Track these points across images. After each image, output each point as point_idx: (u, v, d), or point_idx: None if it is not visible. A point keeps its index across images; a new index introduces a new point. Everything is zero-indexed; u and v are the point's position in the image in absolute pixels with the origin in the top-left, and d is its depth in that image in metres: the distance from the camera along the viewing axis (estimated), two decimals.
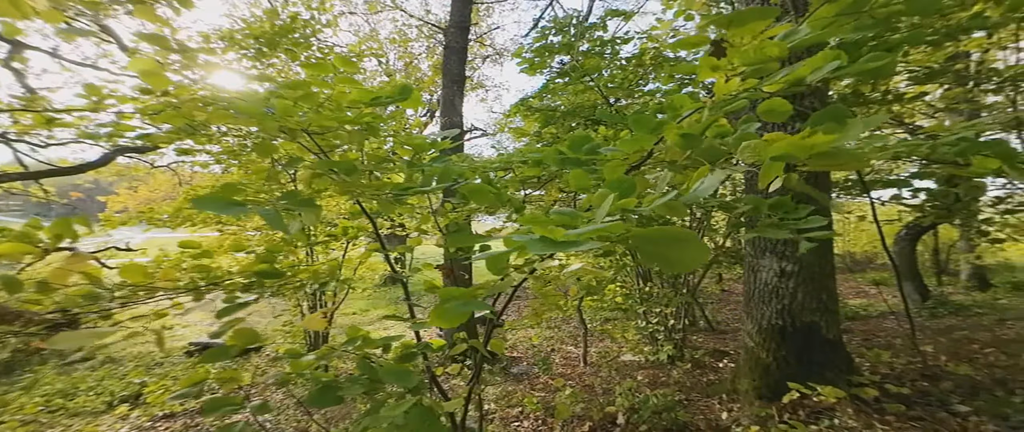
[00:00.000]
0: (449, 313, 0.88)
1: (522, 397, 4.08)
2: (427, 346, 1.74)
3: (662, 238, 0.47)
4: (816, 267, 2.58)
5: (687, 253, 0.45)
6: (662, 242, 0.47)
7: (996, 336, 4.30)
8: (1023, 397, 2.28)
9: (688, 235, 0.46)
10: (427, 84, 11.91)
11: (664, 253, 0.47)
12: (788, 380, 2.44)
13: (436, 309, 0.87)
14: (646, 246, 0.48)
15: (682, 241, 0.46)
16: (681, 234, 0.46)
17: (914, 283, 7.21)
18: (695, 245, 0.45)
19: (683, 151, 0.98)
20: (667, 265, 0.47)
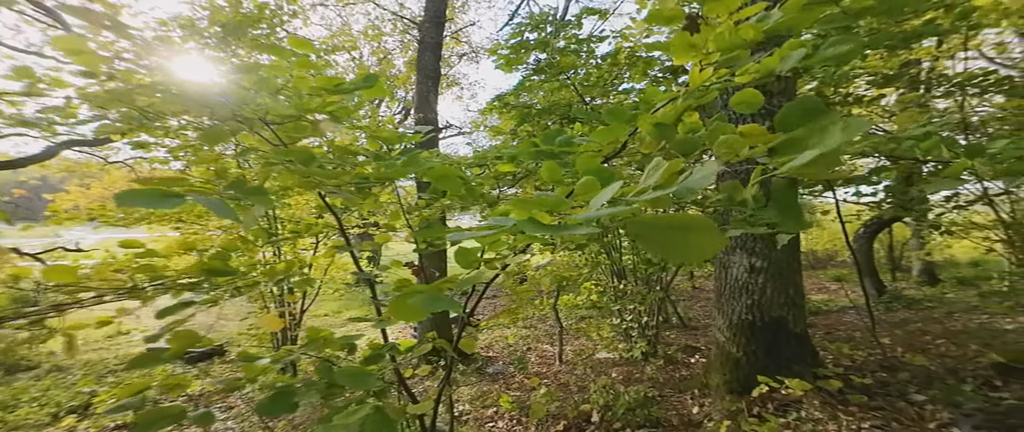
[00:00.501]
0: (409, 308, 0.82)
1: (497, 397, 4.04)
2: (394, 347, 1.67)
3: (671, 225, 0.42)
4: (784, 263, 2.64)
5: (699, 241, 0.40)
6: (670, 230, 0.42)
7: (946, 328, 4.54)
8: (973, 385, 2.40)
9: (701, 221, 0.41)
10: (401, 81, 11.68)
11: (673, 241, 0.42)
12: (757, 374, 2.48)
13: (394, 302, 0.81)
14: (652, 234, 0.43)
15: (694, 228, 0.40)
16: (693, 221, 0.41)
17: (871, 279, 7.57)
18: (709, 232, 0.40)
19: (656, 142, 0.95)
20: (675, 254, 0.42)
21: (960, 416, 1.96)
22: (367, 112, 9.20)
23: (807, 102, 0.75)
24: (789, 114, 0.75)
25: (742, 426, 2.17)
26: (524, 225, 0.62)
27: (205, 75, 1.90)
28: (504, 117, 5.59)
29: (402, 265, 1.92)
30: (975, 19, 3.92)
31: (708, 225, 0.39)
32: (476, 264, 0.98)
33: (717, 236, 0.39)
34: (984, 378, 2.47)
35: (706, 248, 0.40)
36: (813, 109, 0.71)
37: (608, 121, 1.21)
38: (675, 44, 0.83)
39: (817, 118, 0.69)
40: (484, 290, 1.33)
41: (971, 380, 2.47)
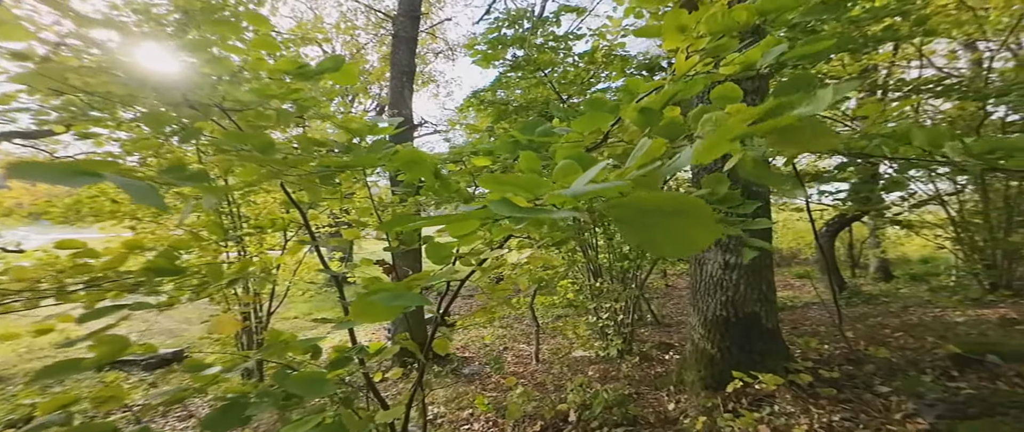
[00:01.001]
0: (374, 307, 0.75)
1: (473, 398, 3.96)
2: (362, 349, 1.58)
3: (661, 208, 0.35)
4: (757, 259, 2.68)
5: (692, 229, 0.33)
6: (660, 214, 0.35)
7: (903, 321, 4.75)
8: (932, 376, 2.50)
9: (695, 206, 0.33)
10: (375, 76, 11.41)
11: (662, 228, 0.35)
12: (732, 369, 2.51)
13: (358, 301, 0.73)
14: (639, 219, 0.37)
15: (687, 213, 0.33)
16: (688, 204, 0.34)
17: (832, 276, 7.90)
18: (704, 219, 0.33)
19: (642, 129, 0.91)
20: (663, 243, 0.36)
21: (923, 406, 2.03)
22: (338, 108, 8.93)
23: (801, 76, 0.71)
24: (784, 88, 0.72)
25: (718, 422, 2.18)
26: (497, 207, 0.56)
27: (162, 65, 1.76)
28: (481, 115, 5.51)
29: (372, 263, 1.83)
30: (929, 26, 4.12)
31: (703, 211, 0.33)
32: (449, 259, 0.92)
33: (712, 224, 0.33)
34: (942, 369, 2.57)
35: (699, 238, 0.34)
36: (807, 82, 0.68)
37: (588, 109, 1.17)
38: (667, 25, 0.79)
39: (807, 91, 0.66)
40: (459, 288, 1.26)
41: (930, 371, 2.57)
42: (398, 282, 1.93)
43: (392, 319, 1.30)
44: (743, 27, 0.82)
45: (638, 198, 0.37)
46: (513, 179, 0.49)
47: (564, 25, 4.78)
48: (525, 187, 0.49)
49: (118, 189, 4.46)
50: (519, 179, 0.49)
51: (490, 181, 0.49)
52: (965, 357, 2.58)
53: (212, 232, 1.35)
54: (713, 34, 0.80)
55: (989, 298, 5.48)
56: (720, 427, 2.14)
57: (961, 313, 4.91)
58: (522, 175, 0.50)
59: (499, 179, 0.49)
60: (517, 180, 0.49)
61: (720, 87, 1.00)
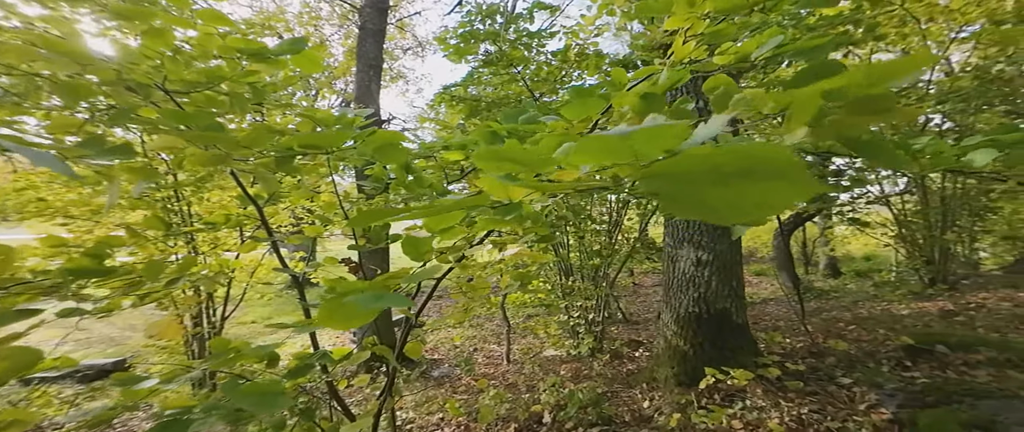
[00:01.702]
0: (345, 310, 0.65)
1: (443, 402, 3.85)
2: (325, 355, 1.46)
3: (720, 169, 0.27)
4: (728, 256, 2.72)
5: (773, 191, 0.26)
6: (723, 177, 0.27)
7: (855, 315, 5.00)
8: (888, 366, 2.62)
9: (779, 159, 0.24)
10: (340, 71, 11.00)
11: (732, 194, 0.27)
12: (704, 365, 2.53)
13: (327, 304, 0.63)
14: (692, 186, 0.29)
15: (765, 172, 0.25)
16: (768, 159, 0.25)
17: (788, 273, 8.29)
18: (792, 174, 0.25)
19: (642, 116, 0.86)
20: (730, 213, 0.28)
21: (884, 396, 2.11)
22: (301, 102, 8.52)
23: (826, 65, 0.67)
24: (802, 76, 0.68)
25: (692, 418, 2.19)
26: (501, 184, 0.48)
27: (94, 40, 1.56)
28: (452, 111, 5.39)
29: (338, 261, 1.70)
30: (879, 32, 4.37)
31: (791, 166, 0.25)
32: (428, 255, 0.83)
33: (803, 179, 0.25)
34: (896, 360, 2.70)
35: (781, 199, 0.27)
36: (831, 71, 0.64)
37: (574, 99, 1.11)
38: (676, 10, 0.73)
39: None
40: (435, 287, 1.17)
41: (886, 362, 2.70)
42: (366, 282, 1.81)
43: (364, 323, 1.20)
44: (748, 7, 0.77)
45: (696, 156, 0.29)
46: (513, 152, 0.42)
47: (537, 23, 4.73)
48: (528, 162, 0.41)
49: (48, 184, 4.03)
50: (522, 153, 0.41)
51: (487, 156, 0.41)
52: (917, 348, 2.72)
53: (152, 227, 1.19)
54: (719, 12, 0.75)
55: (929, 292, 5.89)
56: (694, 424, 2.14)
57: (905, 306, 5.23)
58: (526, 149, 0.42)
59: (497, 153, 0.41)
60: (519, 154, 0.41)
61: (712, 79, 0.97)
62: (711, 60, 1.02)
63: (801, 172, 0.25)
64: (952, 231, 6.32)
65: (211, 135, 0.74)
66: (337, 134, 0.74)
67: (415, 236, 0.83)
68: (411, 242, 0.82)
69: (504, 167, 0.42)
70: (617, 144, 0.38)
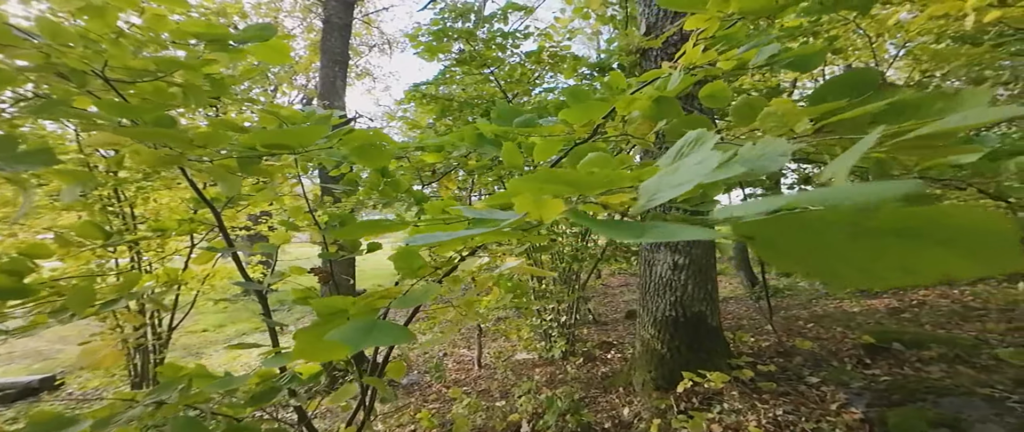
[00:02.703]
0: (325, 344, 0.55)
1: (414, 412, 3.70)
2: (294, 378, 1.33)
3: (905, 224, 0.19)
4: (703, 260, 2.76)
5: (957, 259, 0.18)
6: (896, 233, 0.19)
7: (812, 313, 5.25)
8: (851, 364, 2.73)
9: (983, 221, 0.18)
10: (302, 67, 10.52)
11: (886, 252, 0.20)
12: (681, 369, 2.54)
13: (305, 335, 0.53)
14: (822, 237, 0.22)
15: (961, 233, 0.18)
16: (968, 218, 0.18)
17: (746, 272, 8.67)
18: (1001, 243, 0.18)
19: (653, 123, 0.80)
20: (869, 273, 0.21)
21: (853, 396, 2.19)
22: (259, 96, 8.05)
23: (860, 74, 0.63)
24: (830, 89, 0.64)
25: (672, 423, 2.18)
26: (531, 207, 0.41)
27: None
28: (421, 109, 5.23)
29: (305, 271, 1.56)
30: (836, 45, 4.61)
31: (1001, 233, 0.18)
32: (421, 271, 0.74)
33: (1012, 253, 0.18)
34: (857, 357, 2.83)
35: (961, 269, 0.20)
36: (866, 82, 0.60)
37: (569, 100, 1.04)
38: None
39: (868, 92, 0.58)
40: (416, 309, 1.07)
41: (848, 360, 2.82)
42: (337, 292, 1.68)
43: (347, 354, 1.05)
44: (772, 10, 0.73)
45: (836, 199, 0.22)
46: (567, 176, 0.34)
47: (511, 24, 4.67)
48: (586, 185, 0.34)
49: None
50: (576, 176, 0.34)
51: (545, 178, 0.33)
52: (875, 346, 2.86)
53: (87, 235, 1.02)
54: (743, 12, 0.71)
55: (875, 290, 6.30)
56: (675, 429, 2.14)
57: (856, 304, 5.54)
58: (594, 171, 0.35)
59: (548, 176, 0.34)
60: (573, 177, 0.34)
61: (709, 87, 0.93)
62: (714, 66, 0.99)
63: (1011, 244, 0.18)
64: None
65: (161, 132, 0.62)
66: (309, 131, 0.64)
67: (408, 249, 0.74)
68: (404, 255, 0.73)
69: (550, 189, 0.35)
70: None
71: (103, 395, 4.88)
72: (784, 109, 0.58)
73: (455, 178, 2.90)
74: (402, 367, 1.02)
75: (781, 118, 0.57)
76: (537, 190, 0.36)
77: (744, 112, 0.67)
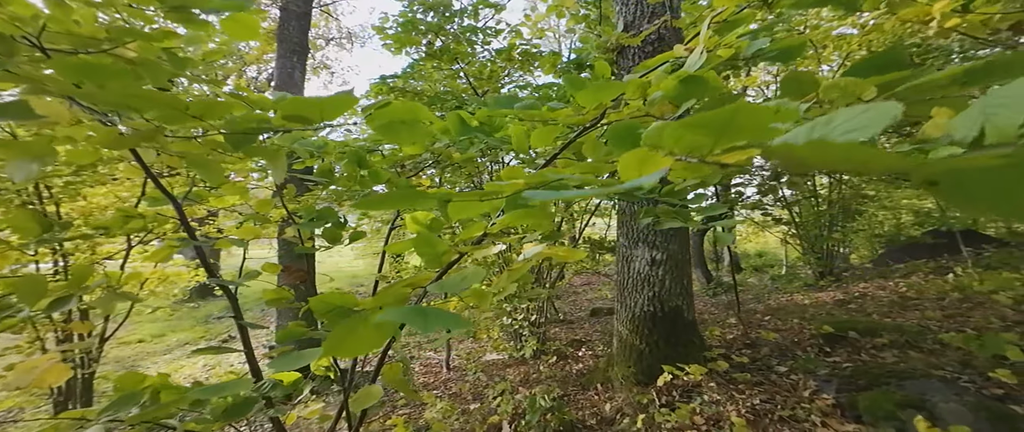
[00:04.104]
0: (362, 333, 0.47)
1: (384, 419, 3.54)
2: (275, 386, 1.20)
3: None
4: (680, 255, 2.81)
5: None
6: None
7: (767, 306, 5.52)
8: (814, 353, 2.88)
9: None
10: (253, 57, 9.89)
11: None
12: (660, 363, 2.57)
13: (341, 331, 0.44)
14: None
15: None
16: None
17: (702, 269, 9.06)
18: None
19: (677, 103, 0.76)
20: None
21: (823, 383, 2.29)
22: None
23: (888, 54, 0.62)
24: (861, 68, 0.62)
25: (655, 418, 2.19)
26: (633, 164, 0.35)
27: None
28: None
29: (278, 268, 1.42)
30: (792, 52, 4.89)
31: None
32: (446, 257, 0.65)
33: None
34: (818, 347, 2.98)
35: None
36: (896, 61, 0.58)
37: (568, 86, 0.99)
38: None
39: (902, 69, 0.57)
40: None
41: (810, 349, 2.96)
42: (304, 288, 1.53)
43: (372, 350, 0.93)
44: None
45: None
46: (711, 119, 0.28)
47: (481, 20, 4.60)
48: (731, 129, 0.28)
49: None
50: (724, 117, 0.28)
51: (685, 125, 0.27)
52: (833, 335, 3.03)
53: (21, 229, 0.84)
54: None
55: (821, 283, 6.74)
56: (659, 423, 2.15)
57: (805, 297, 5.89)
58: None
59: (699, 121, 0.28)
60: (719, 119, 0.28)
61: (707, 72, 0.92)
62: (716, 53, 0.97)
63: None
64: (837, 231, 7.34)
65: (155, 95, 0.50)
66: (338, 101, 0.54)
67: (427, 234, 0.65)
68: (426, 241, 0.64)
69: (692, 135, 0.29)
70: None
71: (18, 418, 4.31)
72: (847, 81, 0.56)
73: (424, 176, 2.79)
74: (398, 370, 0.92)
75: (845, 88, 0.55)
76: (675, 139, 0.29)
77: (792, 86, 0.65)
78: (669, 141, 0.32)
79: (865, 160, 0.25)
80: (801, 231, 7.49)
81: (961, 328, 3.00)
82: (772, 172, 5.02)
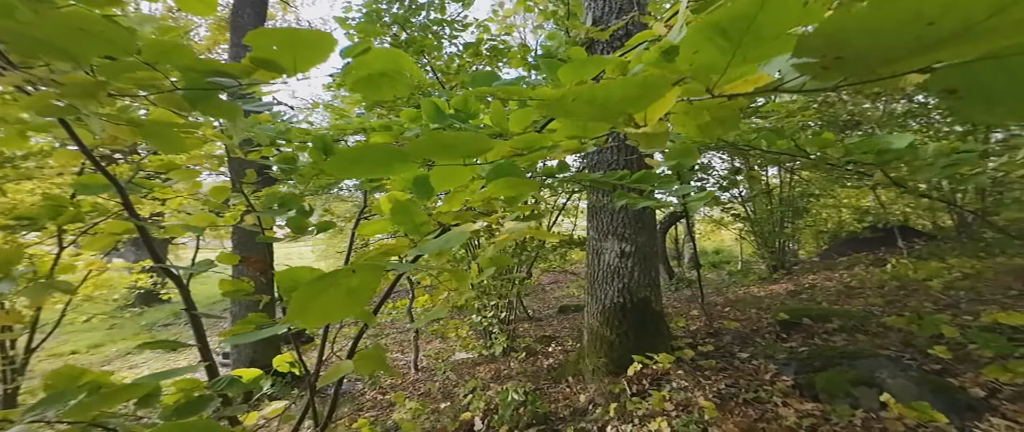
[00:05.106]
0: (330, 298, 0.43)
1: (350, 423, 3.40)
2: (232, 383, 1.11)
3: None
4: (648, 248, 2.87)
5: None
6: None
7: (726, 298, 5.76)
8: (772, 339, 3.02)
9: None
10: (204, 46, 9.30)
11: None
12: (630, 353, 2.61)
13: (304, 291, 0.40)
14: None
15: None
16: None
17: (665, 266, 9.37)
18: None
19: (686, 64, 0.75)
20: None
21: (781, 365, 2.40)
22: None
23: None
24: None
25: (627, 406, 2.22)
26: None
27: None
28: (351, 97, 4.87)
29: (237, 258, 1.32)
30: None
31: None
32: (426, 227, 0.61)
33: None
34: (775, 333, 3.13)
35: None
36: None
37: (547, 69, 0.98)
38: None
39: None
40: (395, 283, 0.93)
41: (768, 336, 3.11)
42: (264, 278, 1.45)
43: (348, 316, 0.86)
44: None
45: None
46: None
47: (448, 13, 4.53)
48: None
49: None
50: None
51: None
52: (789, 322, 3.19)
53: None
54: None
55: (774, 277, 7.12)
56: (631, 411, 2.17)
57: (760, 289, 6.19)
58: None
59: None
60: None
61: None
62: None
63: None
64: (787, 227, 7.79)
65: (86, 20, 0.43)
66: (320, 39, 0.48)
67: (408, 202, 0.61)
68: (403, 209, 0.60)
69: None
70: None
71: None
72: None
73: None
74: (380, 354, 0.87)
75: None
76: (692, 47, 0.27)
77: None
78: (687, 50, 0.30)
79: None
80: (756, 227, 7.90)
81: (900, 312, 3.23)
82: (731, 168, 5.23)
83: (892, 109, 5.56)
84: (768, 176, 8.36)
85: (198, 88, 0.56)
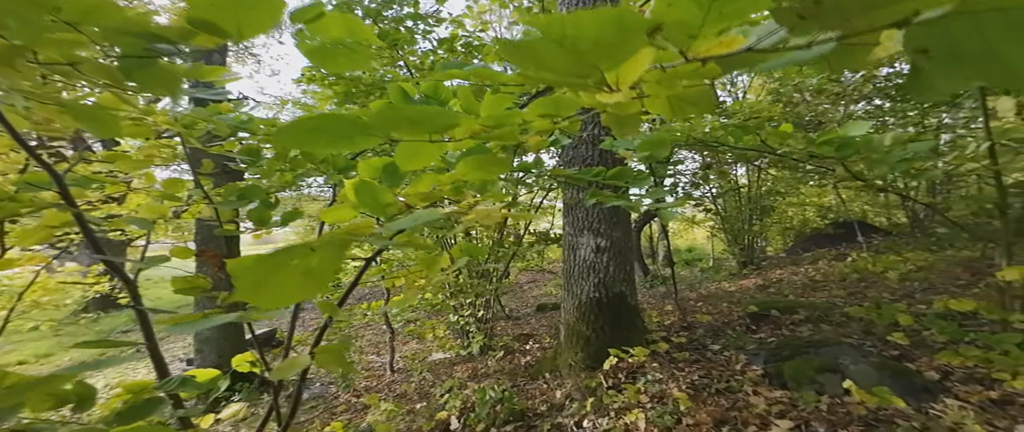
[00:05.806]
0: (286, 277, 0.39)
1: (322, 427, 3.30)
2: (184, 383, 1.04)
3: None
4: (623, 243, 2.89)
5: None
6: None
7: (699, 293, 5.90)
8: (742, 330, 3.10)
9: None
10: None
11: None
12: (606, 347, 2.63)
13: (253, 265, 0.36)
14: None
15: None
16: None
17: (640, 263, 9.53)
18: None
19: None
20: None
21: (751, 356, 2.46)
22: None
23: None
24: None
25: (603, 400, 2.23)
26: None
27: None
28: (322, 93, 4.73)
29: (192, 253, 1.24)
30: None
31: None
32: (391, 208, 0.58)
33: None
34: (745, 325, 3.22)
35: None
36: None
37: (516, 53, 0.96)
38: None
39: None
40: (364, 270, 0.88)
41: (739, 328, 3.19)
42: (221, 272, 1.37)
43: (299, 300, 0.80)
44: None
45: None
46: None
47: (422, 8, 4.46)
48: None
49: None
50: None
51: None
52: (758, 314, 3.28)
53: None
54: None
55: (743, 272, 7.35)
56: (607, 405, 2.18)
57: (731, 284, 6.37)
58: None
59: None
60: None
61: None
62: None
63: None
64: (756, 224, 8.06)
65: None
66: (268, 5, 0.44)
67: (372, 184, 0.58)
68: (367, 190, 0.57)
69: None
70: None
71: None
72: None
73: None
74: (341, 349, 0.82)
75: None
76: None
77: None
78: (661, 2, 0.28)
79: None
80: (726, 224, 8.14)
81: (861, 302, 3.38)
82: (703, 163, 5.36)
83: (851, 112, 5.83)
84: (737, 175, 8.61)
85: (133, 56, 0.51)
